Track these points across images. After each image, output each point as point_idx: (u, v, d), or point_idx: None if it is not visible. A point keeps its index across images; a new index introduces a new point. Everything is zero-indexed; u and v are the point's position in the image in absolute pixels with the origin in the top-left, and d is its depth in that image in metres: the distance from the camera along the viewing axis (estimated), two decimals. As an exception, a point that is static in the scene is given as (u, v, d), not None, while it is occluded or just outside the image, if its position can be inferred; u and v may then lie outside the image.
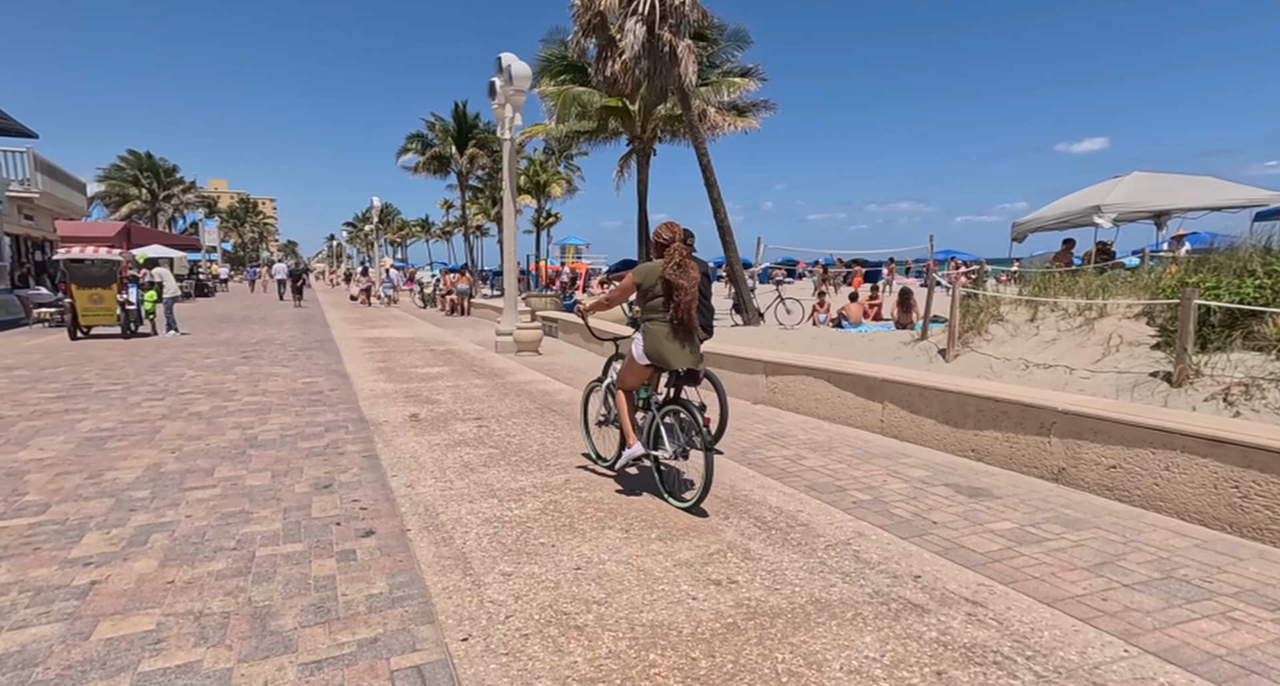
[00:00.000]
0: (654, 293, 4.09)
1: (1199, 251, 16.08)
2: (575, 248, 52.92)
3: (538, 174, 33.89)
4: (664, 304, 4.06)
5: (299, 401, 7.17)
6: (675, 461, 3.97)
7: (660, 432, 4.06)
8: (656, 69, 13.35)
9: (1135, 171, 12.98)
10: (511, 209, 11.42)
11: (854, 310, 13.10)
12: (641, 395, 4.40)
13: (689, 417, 3.88)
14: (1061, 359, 7.17)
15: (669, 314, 4.04)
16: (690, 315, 4.04)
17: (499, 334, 11.28)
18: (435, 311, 22.23)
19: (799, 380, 6.21)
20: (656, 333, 4.09)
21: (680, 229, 4.29)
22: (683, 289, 3.98)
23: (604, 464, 4.71)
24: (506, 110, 11.24)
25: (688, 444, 3.91)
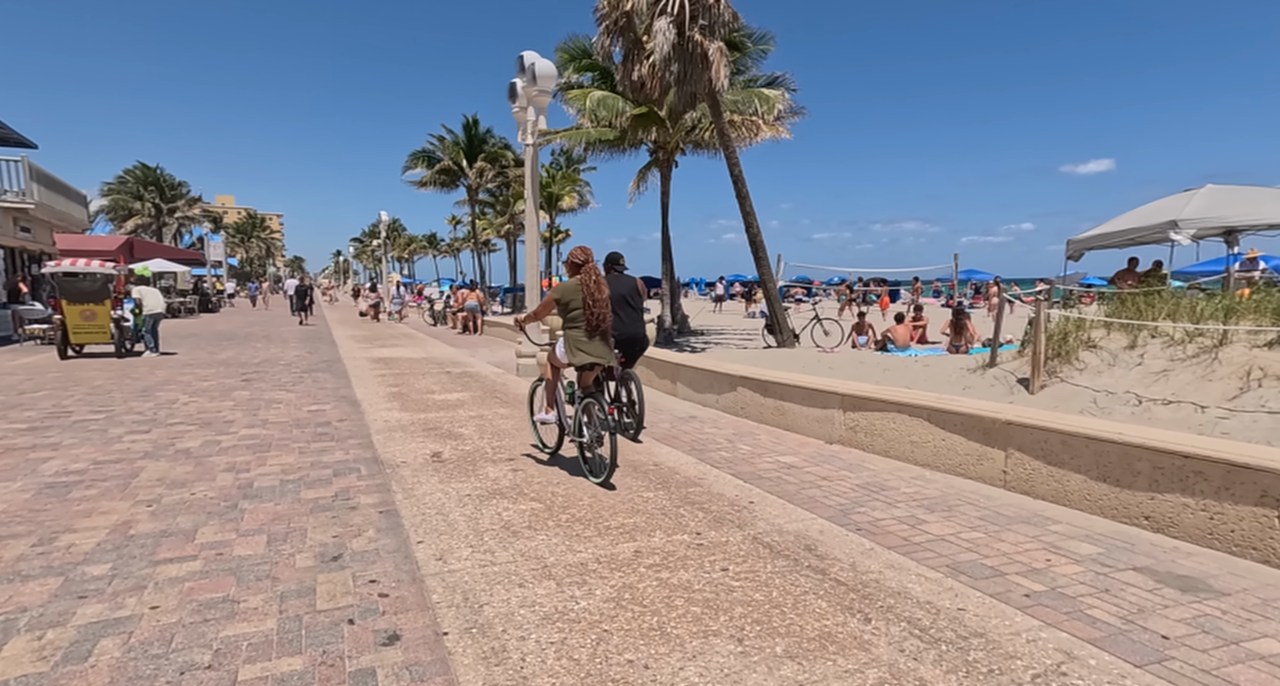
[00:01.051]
0: (572, 306, 4.91)
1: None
2: (584, 264, 52.21)
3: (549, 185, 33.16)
4: (581, 315, 4.88)
5: (303, 435, 6.26)
6: (595, 445, 4.78)
7: (581, 423, 4.89)
8: (687, 73, 12.56)
9: (1209, 184, 12.08)
10: (534, 218, 10.58)
11: (900, 332, 12.18)
12: (566, 390, 5.27)
13: (599, 409, 4.68)
14: (1183, 394, 6.22)
15: (585, 323, 4.88)
16: (604, 322, 4.93)
17: (520, 356, 10.38)
18: (446, 329, 21.38)
19: (887, 418, 5.28)
20: (575, 338, 4.92)
21: (591, 252, 5.17)
22: (596, 301, 4.86)
23: (547, 451, 5.53)
24: (529, 113, 10.43)
25: (602, 428, 4.65)
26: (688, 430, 6.55)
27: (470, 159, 34.46)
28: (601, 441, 4.68)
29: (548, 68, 10.03)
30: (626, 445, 5.86)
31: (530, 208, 10.53)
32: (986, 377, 8.69)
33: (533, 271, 10.53)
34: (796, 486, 4.66)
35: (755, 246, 13.48)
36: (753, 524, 3.93)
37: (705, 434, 6.37)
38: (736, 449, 5.76)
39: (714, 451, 5.68)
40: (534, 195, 10.56)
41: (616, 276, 6.39)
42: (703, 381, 7.75)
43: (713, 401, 7.58)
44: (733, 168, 13.39)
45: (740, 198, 13.40)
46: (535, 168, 10.66)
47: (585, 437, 4.83)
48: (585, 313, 4.85)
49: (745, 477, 4.88)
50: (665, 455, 5.55)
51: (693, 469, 5.13)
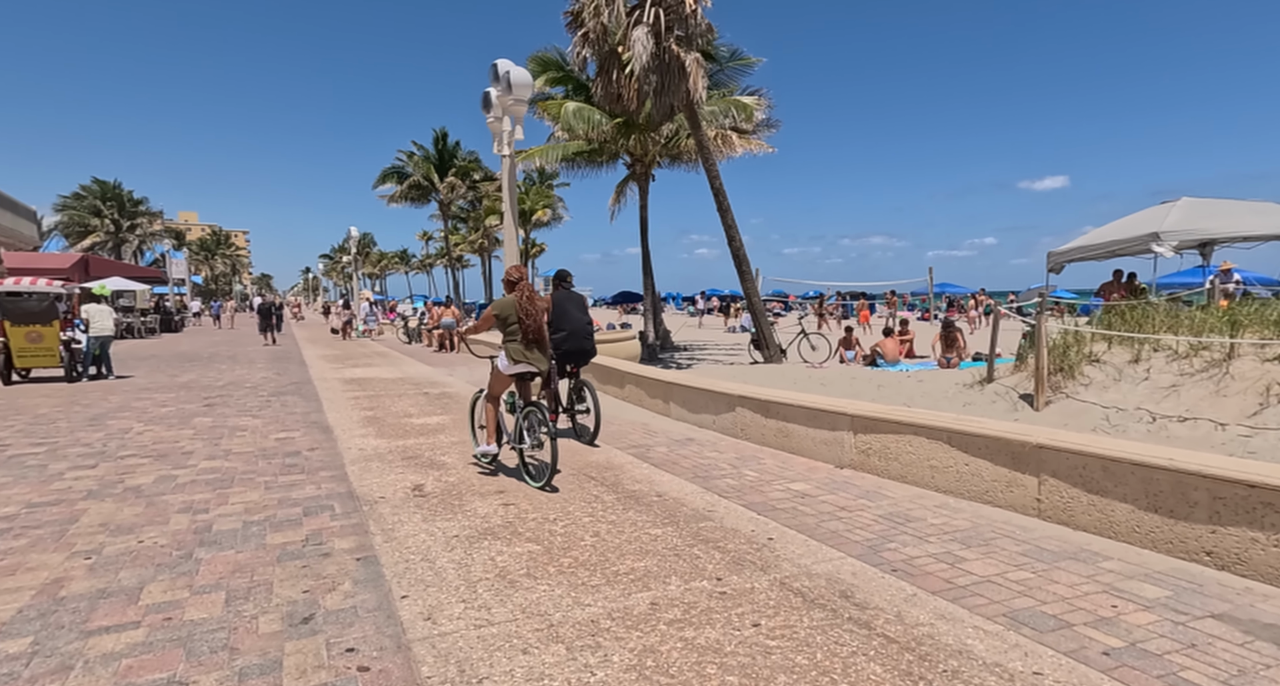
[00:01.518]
0: (509, 320, 5.33)
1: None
2: (558, 279, 51.75)
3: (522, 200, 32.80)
4: (517, 328, 5.29)
5: (270, 467, 5.74)
6: (535, 451, 5.18)
7: (523, 430, 5.24)
8: (665, 83, 12.33)
9: (1184, 197, 12.13)
10: (513, 231, 10.18)
11: (890, 346, 11.97)
12: (508, 401, 5.61)
13: (540, 416, 5.07)
14: (1197, 410, 6.01)
15: (520, 335, 5.30)
16: (539, 334, 5.35)
17: (502, 375, 9.91)
18: (421, 347, 20.75)
19: (903, 441, 4.95)
20: (512, 349, 5.32)
21: (525, 270, 5.76)
22: (530, 315, 5.29)
23: (486, 461, 5.72)
24: (505, 123, 10.08)
25: (545, 436, 4.98)
26: (687, 454, 6.15)
27: (441, 174, 33.99)
28: (542, 446, 5.06)
29: (523, 76, 9.70)
30: (625, 471, 5.45)
31: (509, 220, 10.13)
32: (986, 393, 8.46)
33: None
34: (815, 518, 4.29)
35: (738, 260, 13.23)
36: (777, 565, 3.55)
37: (706, 458, 5.98)
38: (742, 475, 5.38)
39: (719, 478, 5.30)
40: (512, 207, 10.17)
41: (565, 293, 6.95)
42: (698, 401, 7.38)
43: (709, 422, 7.21)
44: (713, 180, 13.16)
45: (722, 210, 13.16)
46: (513, 178, 10.28)
47: (526, 444, 5.20)
48: (520, 325, 5.30)
49: (758, 509, 4.50)
50: (667, 484, 5.15)
51: (699, 499, 4.74)
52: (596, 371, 10.20)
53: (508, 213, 10.08)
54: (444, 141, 34.02)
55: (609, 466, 5.72)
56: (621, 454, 6.18)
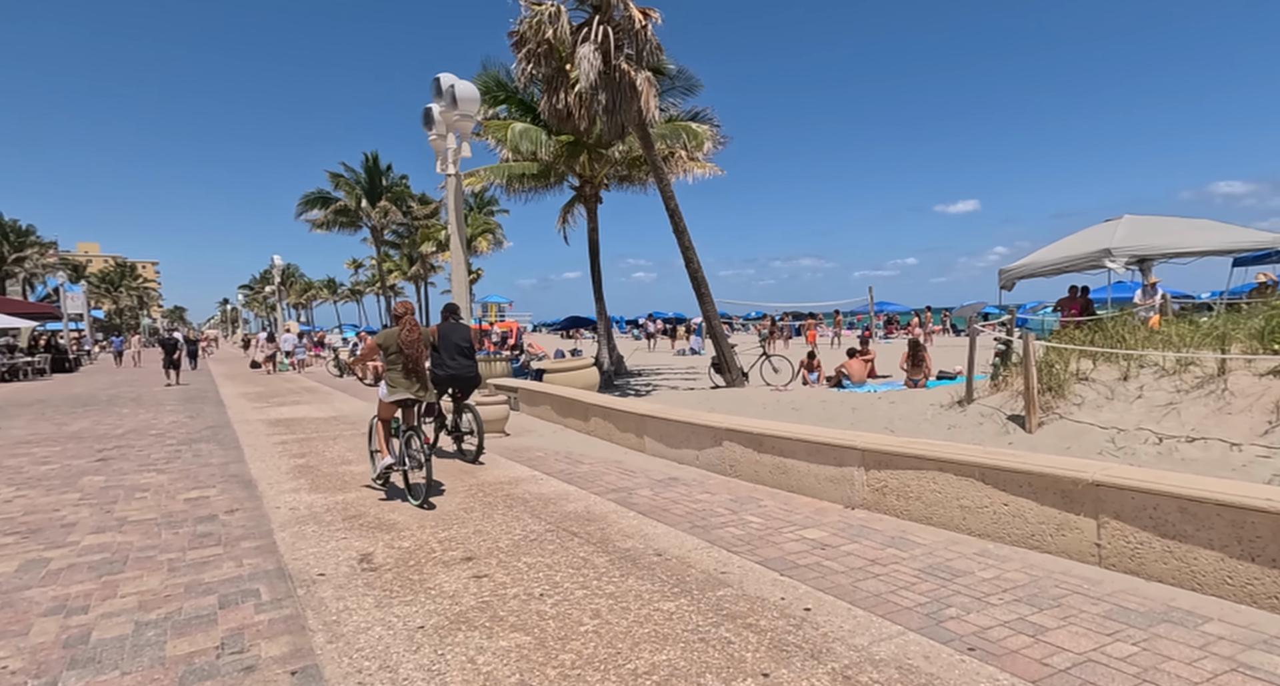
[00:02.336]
0: (390, 351, 5.68)
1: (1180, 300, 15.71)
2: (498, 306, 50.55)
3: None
4: (398, 358, 5.64)
5: (177, 539, 4.72)
6: (414, 472, 5.52)
7: (404, 452, 5.60)
8: (615, 102, 11.83)
9: (1126, 214, 12.41)
10: (462, 255, 9.36)
11: (856, 367, 11.64)
12: (394, 426, 5.86)
13: (417, 442, 5.51)
14: (1203, 429, 5.73)
15: (401, 365, 5.64)
16: (419, 365, 5.72)
17: (452, 411, 9.00)
18: (354, 380, 19.37)
19: (925, 478, 4.41)
20: (393, 378, 5.66)
21: (411, 305, 6.16)
22: (408, 345, 5.63)
23: (379, 483, 5.98)
24: (449, 140, 9.32)
25: (423, 457, 5.41)
26: (675, 498, 5.46)
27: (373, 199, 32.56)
28: (421, 467, 5.45)
29: (469, 90, 8.99)
30: (611, 524, 4.71)
31: (456, 244, 9.32)
32: (969, 415, 8.11)
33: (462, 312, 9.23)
34: (848, 577, 3.67)
35: (697, 282, 12.74)
36: (829, 649, 2.89)
37: (698, 502, 5.30)
38: (745, 522, 4.73)
39: (720, 527, 4.63)
40: (459, 230, 9.36)
41: (452, 325, 7.47)
42: (678, 435, 6.71)
43: (692, 458, 6.54)
44: (668, 201, 12.68)
45: (678, 232, 12.68)
46: (459, 199, 9.49)
47: (407, 465, 5.58)
48: (400, 356, 5.66)
49: (778, 567, 3.85)
50: (664, 538, 4.44)
51: (707, 557, 4.05)
52: (556, 404, 9.42)
53: (454, 235, 9.26)
54: (375, 165, 32.67)
55: (590, 517, 4.96)
56: (601, 501, 5.43)
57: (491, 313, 45.36)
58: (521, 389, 10.60)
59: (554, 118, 12.14)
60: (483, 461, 7.07)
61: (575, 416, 8.84)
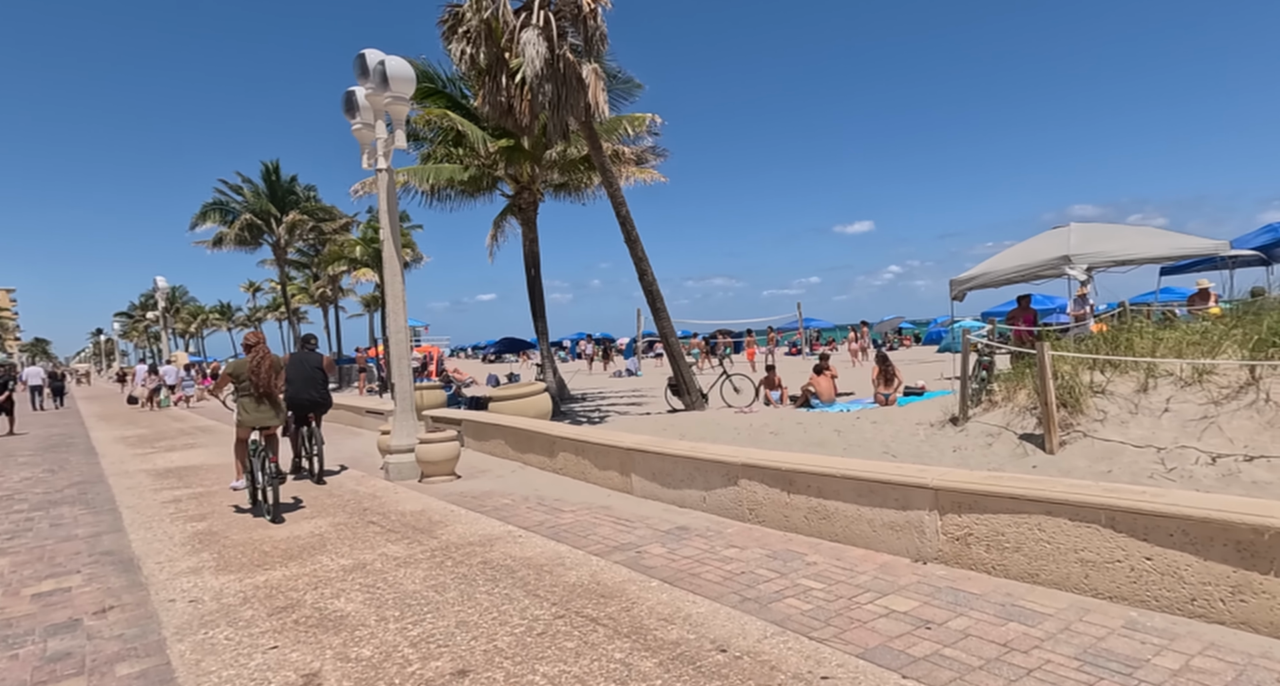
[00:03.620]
0: (241, 379, 6.31)
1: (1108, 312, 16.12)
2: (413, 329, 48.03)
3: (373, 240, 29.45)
4: (249, 386, 6.24)
5: (16, 669, 3.28)
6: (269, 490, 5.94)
7: (255, 472, 6.16)
8: (562, 95, 10.81)
9: (1072, 223, 12.47)
10: (397, 264, 8.04)
11: (825, 385, 11.00)
12: (251, 449, 6.28)
13: (266, 462, 5.97)
14: (1259, 446, 5.26)
15: (252, 393, 6.24)
16: (268, 390, 6.29)
17: (391, 451, 7.62)
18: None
19: (1026, 524, 3.60)
20: (244, 404, 6.29)
21: (263, 335, 6.88)
22: (259, 374, 6.24)
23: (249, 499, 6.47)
24: (378, 128, 8.02)
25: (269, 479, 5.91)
26: (696, 556, 4.44)
27: (277, 211, 29.88)
28: (273, 485, 5.86)
29: (402, 68, 7.75)
30: (638, 601, 3.63)
31: (391, 252, 8.00)
32: (971, 435, 7.49)
33: (400, 334, 7.91)
34: (992, 676, 2.76)
35: (652, 296, 11.83)
36: None
37: (729, 561, 4.31)
38: (803, 589, 3.77)
39: (776, 599, 3.65)
40: (394, 234, 8.06)
41: (305, 353, 8.15)
42: (677, 473, 5.70)
43: (697, 501, 5.54)
44: (619, 208, 11.75)
45: (630, 241, 11.75)
46: (393, 199, 8.20)
47: (260, 482, 6.04)
48: (250, 384, 6.15)
49: (889, 661, 2.90)
50: (715, 620, 3.41)
51: (787, 651, 3.05)
52: (512, 438, 8.20)
53: (388, 242, 7.94)
54: (277, 175, 30.00)
55: (604, 591, 3.87)
56: (607, 565, 4.34)
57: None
58: (467, 421, 9.29)
59: (494, 111, 10.97)
60: (325, 481, 7.61)
61: (538, 451, 7.67)
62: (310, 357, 8.07)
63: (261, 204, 29.18)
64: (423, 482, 7.29)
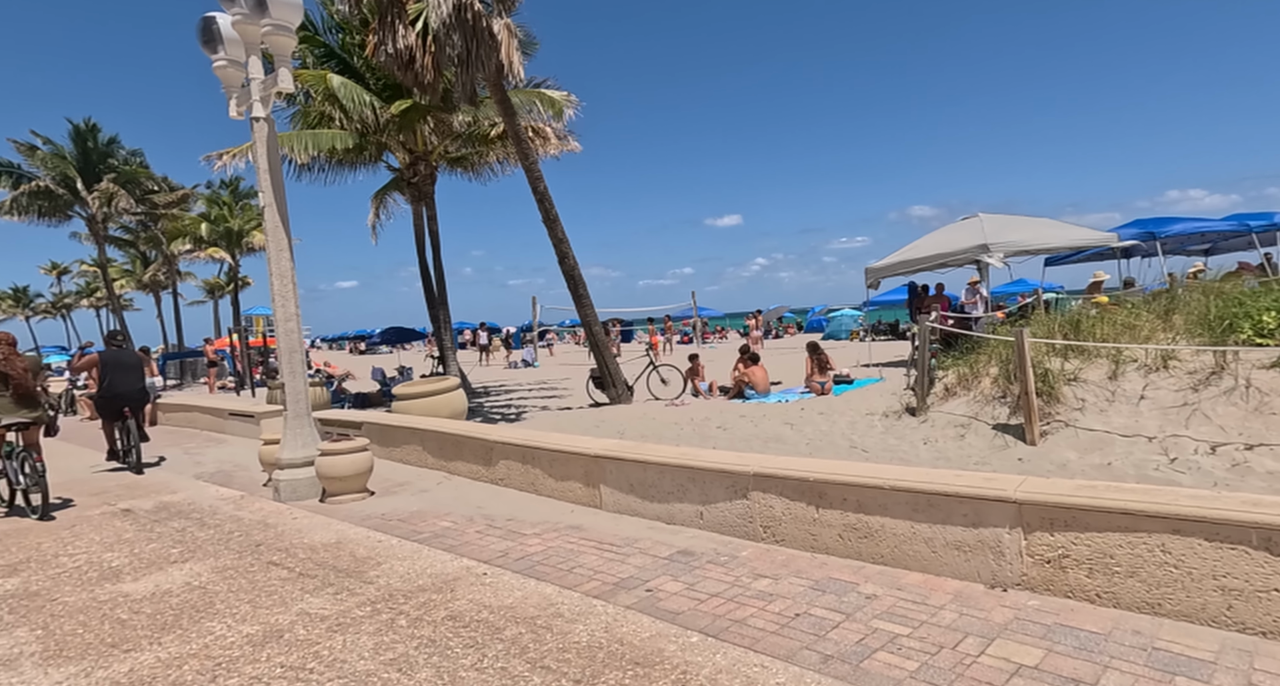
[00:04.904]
0: None
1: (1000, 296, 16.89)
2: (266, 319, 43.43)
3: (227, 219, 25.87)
4: (4, 385, 6.05)
5: None
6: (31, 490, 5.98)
7: (18, 473, 6.05)
8: (473, 50, 9.47)
9: (980, 213, 12.80)
10: (284, 236, 6.52)
11: (760, 375, 10.49)
12: (7, 449, 6.15)
13: (31, 463, 5.93)
14: (1254, 434, 5.17)
15: (9, 392, 6.06)
16: (25, 389, 6.13)
17: (282, 465, 6.13)
18: (81, 421, 14.36)
19: (1144, 544, 3.06)
20: (3, 405, 6.04)
21: (13, 337, 6.46)
22: (12, 375, 6.06)
23: None
24: (252, 65, 6.42)
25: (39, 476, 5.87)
26: (723, 591, 3.60)
27: (89, 179, 25.37)
28: (36, 485, 5.88)
29: (290, -10, 6.21)
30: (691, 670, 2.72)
31: (275, 217, 6.45)
32: (936, 426, 7.16)
33: (288, 316, 6.38)
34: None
35: (573, 281, 10.78)
36: None
37: (770, 599, 3.50)
38: (889, 637, 3.03)
39: (867, 655, 2.88)
40: (278, 199, 6.51)
41: (117, 349, 8.49)
42: (663, 484, 4.81)
43: (691, 518, 4.68)
44: (535, 183, 10.58)
45: (550, 221, 10.63)
46: (275, 155, 6.63)
47: (22, 484, 6.02)
48: (5, 383, 6.07)
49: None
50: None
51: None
52: (435, 443, 6.94)
53: (271, 208, 6.36)
54: (91, 135, 25.43)
55: (639, 657, 2.92)
56: (619, 612, 3.38)
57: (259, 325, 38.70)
58: (368, 424, 7.85)
59: (391, 63, 9.38)
60: (144, 472, 7.73)
61: (468, 459, 6.48)
62: (126, 353, 8.46)
63: (64, 168, 24.56)
64: (326, 503, 5.91)
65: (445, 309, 13.20)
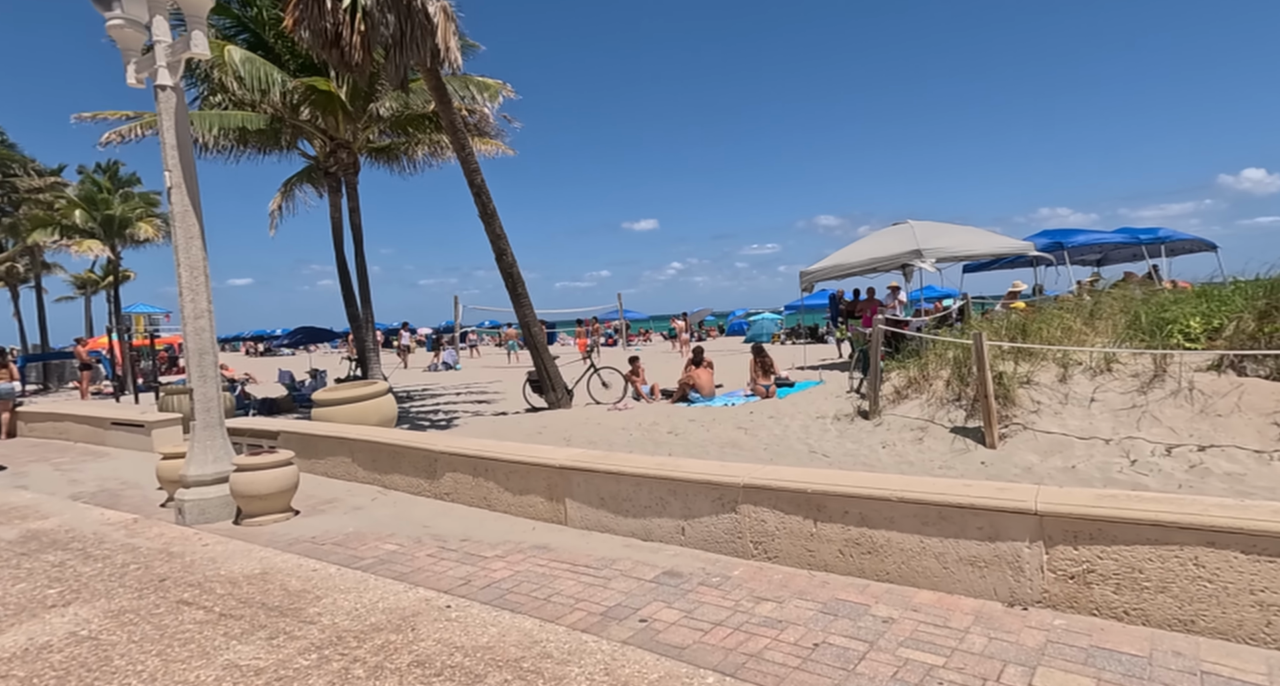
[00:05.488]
0: None
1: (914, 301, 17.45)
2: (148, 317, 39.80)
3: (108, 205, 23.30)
4: None
5: None
6: None
7: None
8: (407, 31, 8.77)
9: (909, 219, 13.12)
10: (195, 222, 5.67)
11: (705, 378, 10.25)
12: None
13: None
14: (1202, 435, 5.33)
15: None
16: None
17: (189, 482, 5.30)
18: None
19: (1175, 558, 2.93)
20: None
21: None
22: None
23: None
24: (157, 25, 5.59)
25: None
26: (725, 619, 3.26)
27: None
28: None
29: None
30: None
31: (185, 200, 5.61)
32: (893, 429, 7.10)
33: (199, 313, 5.55)
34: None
35: (511, 279, 10.21)
36: None
37: (783, 627, 3.18)
38: (924, 668, 2.77)
39: (907, 688, 2.60)
40: (188, 177, 5.66)
41: None
42: (639, 497, 4.41)
43: (671, 534, 4.31)
44: (473, 177, 9.96)
45: (487, 216, 10.03)
46: (185, 129, 5.78)
47: None
48: None
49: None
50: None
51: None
52: (367, 454, 6.25)
53: (179, 190, 5.49)
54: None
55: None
56: (620, 650, 2.96)
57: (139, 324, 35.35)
58: (286, 433, 7.02)
59: (316, 41, 8.50)
60: None
61: (408, 472, 5.86)
62: None
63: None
64: (243, 525, 5.15)
65: (368, 307, 12.23)
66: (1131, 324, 7.19)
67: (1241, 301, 6.47)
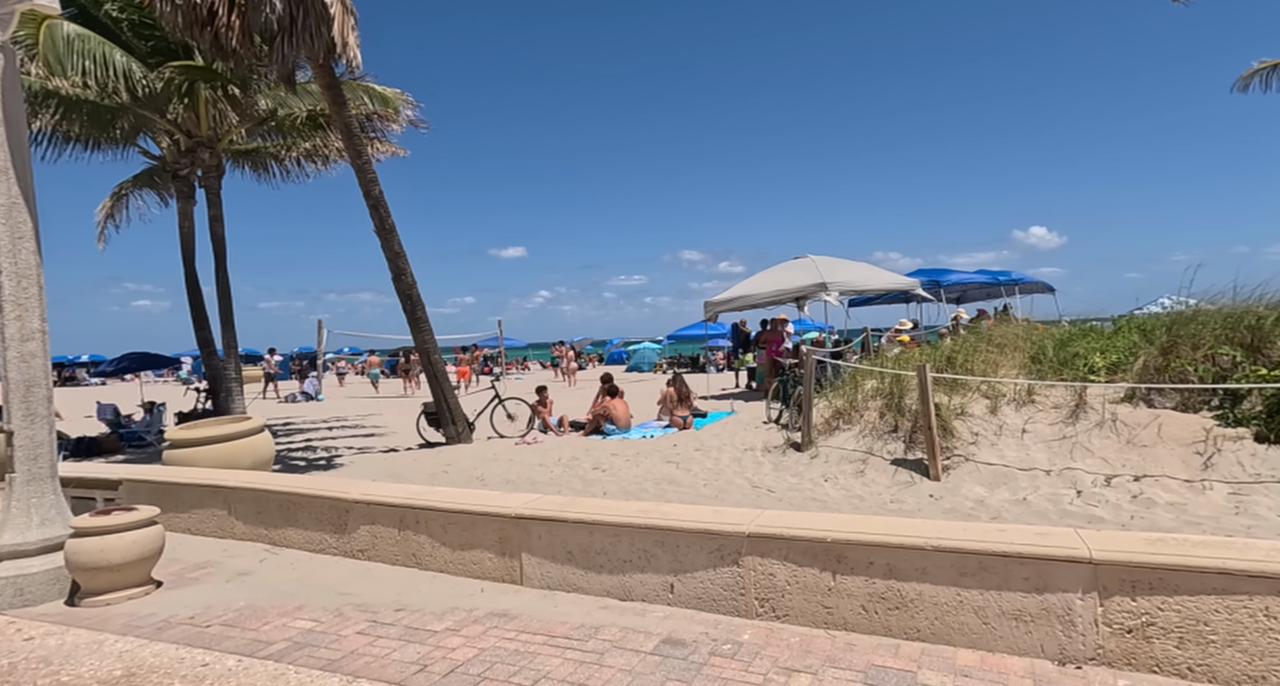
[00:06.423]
0: None
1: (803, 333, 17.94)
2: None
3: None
4: None
5: None
6: None
7: None
8: (298, 19, 7.74)
9: (808, 254, 13.48)
10: (27, 218, 4.42)
11: (621, 409, 9.70)
12: None
13: None
14: (1135, 466, 5.53)
15: None
16: None
17: (1, 553, 3.98)
18: None
19: (1246, 607, 2.73)
20: None
21: None
22: None
23: None
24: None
25: None
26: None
27: None
28: None
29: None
30: None
31: (10, 188, 4.38)
32: (831, 462, 6.93)
33: (29, 334, 4.27)
34: None
35: (411, 302, 9.23)
36: None
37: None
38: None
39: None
40: (16, 159, 4.43)
41: None
42: (617, 551, 3.80)
43: (658, 592, 3.72)
44: (369, 186, 8.97)
45: (385, 231, 9.06)
46: (17, 98, 4.55)
47: None
48: None
49: None
50: None
51: None
52: (245, 506, 5.13)
53: (6, 184, 4.21)
54: None
55: None
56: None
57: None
58: (130, 481, 5.65)
59: (184, 19, 7.21)
60: None
61: (307, 525, 4.82)
62: None
63: None
64: (82, 605, 3.93)
65: (230, 330, 10.51)
66: (1036, 358, 7.57)
67: (1138, 337, 6.95)
